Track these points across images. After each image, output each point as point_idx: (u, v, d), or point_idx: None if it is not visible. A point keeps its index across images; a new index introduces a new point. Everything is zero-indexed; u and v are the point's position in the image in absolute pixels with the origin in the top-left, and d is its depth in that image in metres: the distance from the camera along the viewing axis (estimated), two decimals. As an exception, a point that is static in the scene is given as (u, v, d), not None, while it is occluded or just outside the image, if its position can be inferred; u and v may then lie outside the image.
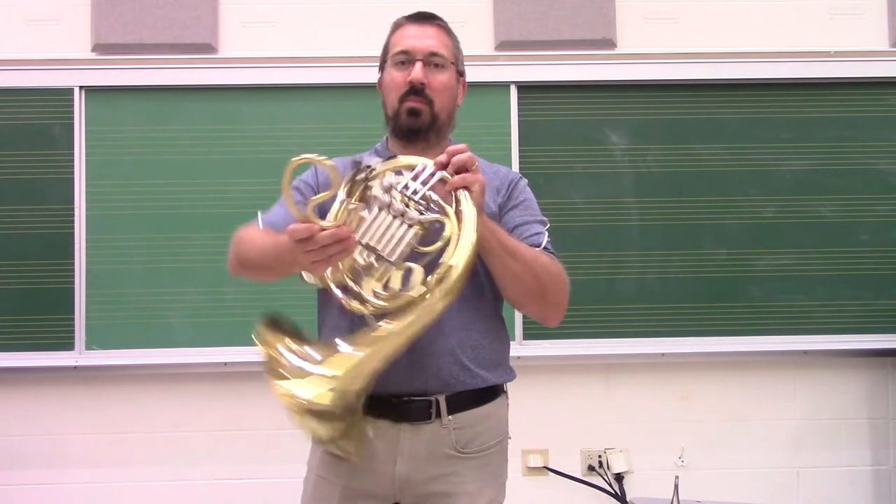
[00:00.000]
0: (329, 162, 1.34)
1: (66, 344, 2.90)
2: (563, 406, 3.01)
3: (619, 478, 2.99)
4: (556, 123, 3.03)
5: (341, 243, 1.33)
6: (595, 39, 3.06)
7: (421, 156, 1.52)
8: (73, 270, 2.91)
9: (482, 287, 1.60)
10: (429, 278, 1.36)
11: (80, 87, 2.95)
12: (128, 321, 2.90)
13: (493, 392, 1.63)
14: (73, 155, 2.94)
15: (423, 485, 1.55)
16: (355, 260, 1.39)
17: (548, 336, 2.94)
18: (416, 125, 1.60)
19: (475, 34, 3.07)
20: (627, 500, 2.94)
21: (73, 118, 2.95)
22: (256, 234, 1.58)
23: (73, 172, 2.94)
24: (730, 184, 3.03)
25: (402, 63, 1.62)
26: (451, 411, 1.56)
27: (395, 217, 1.39)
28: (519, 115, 3.01)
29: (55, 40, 3.03)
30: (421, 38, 1.63)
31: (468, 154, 1.44)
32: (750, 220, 3.03)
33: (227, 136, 2.97)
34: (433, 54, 1.62)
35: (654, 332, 2.99)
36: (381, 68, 1.70)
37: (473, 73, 2.94)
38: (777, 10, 3.13)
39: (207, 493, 2.95)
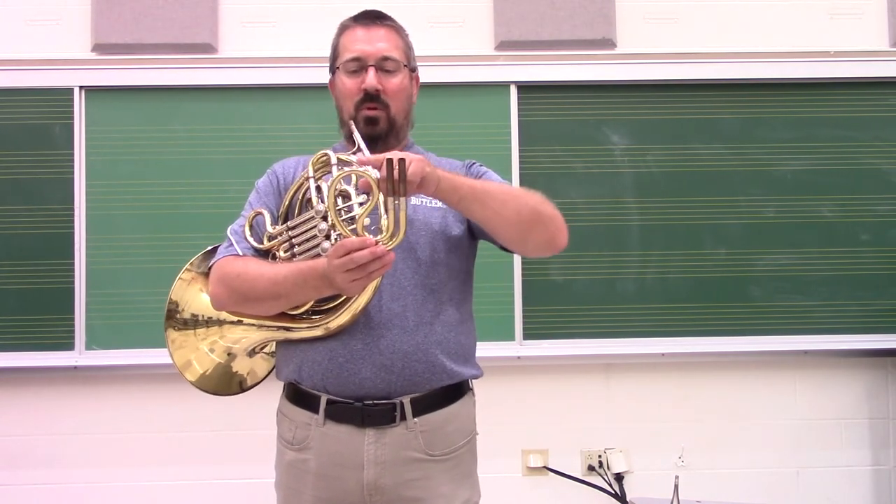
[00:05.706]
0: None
1: (66, 344, 2.90)
2: (563, 406, 3.01)
3: (619, 478, 2.99)
4: (556, 123, 3.03)
5: (381, 259, 1.33)
6: (595, 39, 3.05)
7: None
8: (73, 270, 2.91)
9: (445, 280, 1.57)
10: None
11: (80, 87, 2.95)
12: (128, 321, 2.90)
13: (458, 390, 1.59)
14: (73, 155, 2.94)
15: (394, 490, 1.51)
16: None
17: (548, 336, 2.93)
18: (374, 133, 1.58)
19: (475, 34, 3.07)
20: (627, 500, 2.93)
21: (73, 118, 2.95)
22: (258, 266, 1.52)
23: (73, 172, 2.93)
24: (730, 184, 3.03)
25: (355, 71, 1.60)
26: (416, 413, 1.52)
27: (318, 229, 1.46)
28: (519, 115, 3.00)
29: (55, 40, 3.03)
30: (371, 42, 1.61)
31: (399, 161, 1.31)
32: (750, 220, 3.03)
33: (227, 136, 2.97)
34: (385, 59, 1.60)
35: (654, 332, 2.98)
36: (332, 70, 1.68)
37: (473, 73, 3.00)
38: (777, 11, 3.13)
39: (208, 494, 2.95)
